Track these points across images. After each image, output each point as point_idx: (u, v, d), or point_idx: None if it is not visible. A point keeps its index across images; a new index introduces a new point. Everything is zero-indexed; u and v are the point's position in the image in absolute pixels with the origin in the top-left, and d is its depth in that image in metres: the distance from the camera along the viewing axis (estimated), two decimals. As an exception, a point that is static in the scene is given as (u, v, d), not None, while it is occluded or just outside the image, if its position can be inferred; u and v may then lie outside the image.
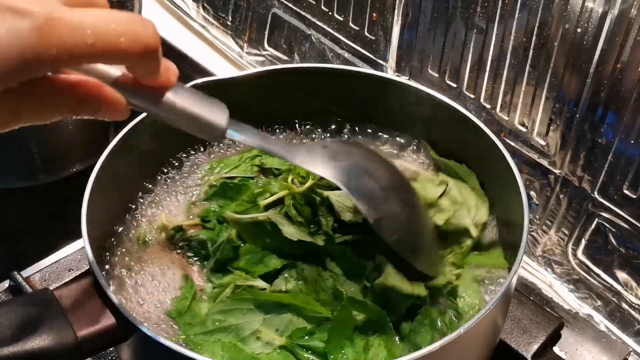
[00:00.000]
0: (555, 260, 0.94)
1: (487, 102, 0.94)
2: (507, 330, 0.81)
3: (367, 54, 1.07)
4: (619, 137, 0.81)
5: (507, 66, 0.89)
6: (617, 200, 0.84)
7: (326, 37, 1.12)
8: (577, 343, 0.84)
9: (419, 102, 0.85)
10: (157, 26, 0.52)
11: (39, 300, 0.67)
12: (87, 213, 0.72)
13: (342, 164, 0.71)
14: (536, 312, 0.83)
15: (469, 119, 0.82)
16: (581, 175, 0.87)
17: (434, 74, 0.99)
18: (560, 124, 0.86)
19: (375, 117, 0.90)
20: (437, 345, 0.62)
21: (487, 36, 0.90)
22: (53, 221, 1.03)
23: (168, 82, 0.57)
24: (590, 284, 0.91)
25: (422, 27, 0.97)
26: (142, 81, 0.55)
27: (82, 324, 0.65)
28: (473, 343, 0.69)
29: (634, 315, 0.88)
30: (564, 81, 0.84)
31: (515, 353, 0.81)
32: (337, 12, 1.09)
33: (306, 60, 1.17)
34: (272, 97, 0.89)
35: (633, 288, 0.87)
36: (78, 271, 0.86)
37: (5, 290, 0.86)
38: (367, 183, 0.72)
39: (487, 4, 0.88)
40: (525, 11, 0.84)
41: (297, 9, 1.15)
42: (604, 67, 0.79)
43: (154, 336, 0.63)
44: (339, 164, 0.70)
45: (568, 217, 0.91)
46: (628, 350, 0.84)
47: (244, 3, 1.24)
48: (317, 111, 0.91)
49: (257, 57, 1.25)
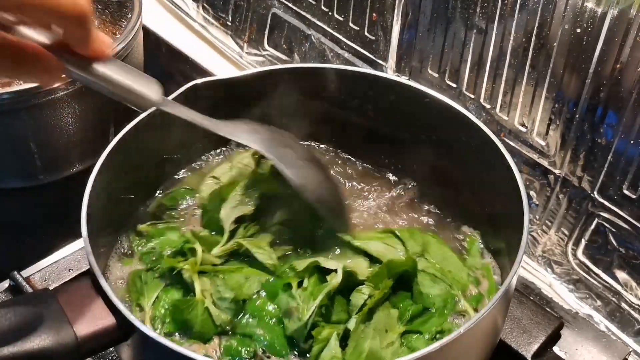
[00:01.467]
0: (555, 260, 0.94)
1: (486, 102, 0.94)
2: (507, 330, 0.81)
3: (367, 54, 1.07)
4: (619, 137, 0.81)
5: (507, 66, 0.89)
6: (617, 201, 0.84)
7: (326, 37, 1.12)
8: (577, 343, 0.84)
9: (418, 102, 0.85)
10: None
11: (39, 300, 0.67)
12: (87, 213, 0.72)
13: (266, 136, 0.79)
14: (536, 312, 0.83)
15: (468, 119, 0.82)
16: (581, 175, 0.87)
17: (433, 74, 0.99)
18: (560, 124, 0.86)
19: (375, 117, 0.90)
20: (437, 345, 0.62)
21: (487, 36, 0.90)
22: (53, 221, 1.03)
23: (101, 54, 0.63)
24: (590, 284, 0.91)
25: (422, 27, 0.97)
26: (76, 49, 0.62)
27: (82, 324, 0.65)
28: (473, 343, 0.69)
29: (634, 315, 0.88)
30: (564, 81, 0.84)
31: (515, 353, 0.81)
32: (337, 12, 1.09)
33: (306, 60, 1.17)
34: (272, 97, 0.89)
35: (633, 288, 0.87)
36: (78, 271, 0.86)
37: (5, 290, 0.86)
38: (288, 153, 0.80)
39: (487, 4, 0.88)
40: (524, 11, 0.84)
41: (297, 9, 1.15)
42: (604, 67, 0.79)
43: (154, 336, 0.64)
44: (261, 136, 0.79)
45: (568, 217, 0.91)
46: (628, 350, 0.84)
47: (244, 3, 1.24)
48: (317, 111, 0.91)
49: (257, 57, 1.25)
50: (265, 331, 0.73)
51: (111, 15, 1.06)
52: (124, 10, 1.06)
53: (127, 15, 1.05)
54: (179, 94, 0.82)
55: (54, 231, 1.01)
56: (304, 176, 0.79)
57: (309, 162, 0.82)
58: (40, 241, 1.00)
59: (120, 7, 1.06)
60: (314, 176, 0.81)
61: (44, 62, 0.61)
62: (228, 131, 0.77)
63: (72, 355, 0.65)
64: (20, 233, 1.02)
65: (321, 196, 0.80)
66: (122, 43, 1.01)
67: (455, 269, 0.79)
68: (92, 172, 0.75)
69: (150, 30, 1.26)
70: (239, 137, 0.78)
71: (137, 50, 1.07)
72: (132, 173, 0.82)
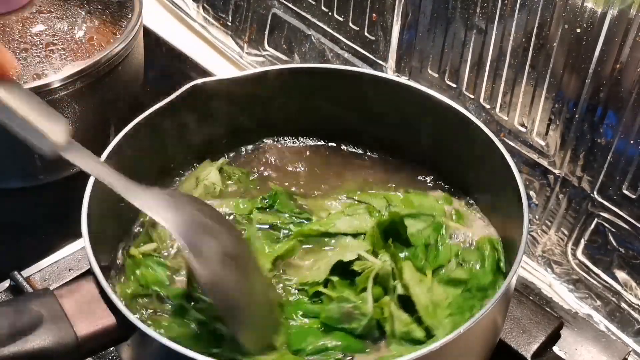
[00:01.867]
0: (555, 260, 0.94)
1: (486, 102, 0.94)
2: (506, 330, 0.81)
3: (367, 54, 1.07)
4: (619, 137, 0.81)
5: (507, 66, 0.89)
6: (616, 200, 0.85)
7: (326, 37, 1.12)
8: (577, 343, 0.84)
9: (418, 103, 0.85)
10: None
11: (39, 300, 0.67)
12: (87, 213, 0.72)
13: (185, 217, 0.67)
14: (536, 312, 0.83)
15: (468, 119, 0.82)
16: (580, 175, 0.87)
17: (433, 74, 0.99)
18: (560, 124, 0.87)
19: (375, 117, 0.90)
20: (437, 345, 0.62)
21: (487, 36, 0.90)
22: (53, 221, 1.03)
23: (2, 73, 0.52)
24: (590, 284, 0.91)
25: (421, 27, 0.97)
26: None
27: (82, 324, 0.65)
28: (473, 343, 0.69)
29: (634, 315, 0.88)
30: (564, 81, 0.84)
31: (515, 353, 0.81)
32: (337, 13, 1.09)
33: (306, 60, 1.17)
34: (272, 97, 0.89)
35: (632, 288, 0.87)
36: (78, 271, 0.86)
37: (5, 290, 0.86)
38: (207, 242, 0.68)
39: (487, 4, 0.88)
40: (524, 11, 0.85)
41: (297, 9, 1.15)
42: (604, 67, 0.79)
43: (154, 336, 0.64)
44: (181, 216, 0.67)
45: (567, 217, 0.91)
46: (627, 350, 0.84)
47: (244, 3, 1.24)
48: (317, 111, 0.91)
49: (257, 57, 1.25)
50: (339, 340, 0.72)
51: (111, 15, 1.06)
52: (124, 10, 1.06)
53: (127, 15, 1.05)
54: (179, 94, 0.82)
55: (54, 231, 1.01)
56: (217, 276, 0.67)
57: (232, 258, 0.70)
58: (40, 241, 1.00)
59: (120, 7, 1.07)
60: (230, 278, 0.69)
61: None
62: (142, 202, 0.66)
63: (72, 355, 0.65)
64: (20, 233, 1.02)
65: (230, 303, 0.68)
66: (122, 43, 1.01)
67: (423, 201, 0.83)
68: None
69: (150, 30, 1.26)
70: (155, 212, 0.66)
71: (137, 50, 1.07)
72: (132, 173, 0.82)
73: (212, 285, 0.67)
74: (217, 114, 0.87)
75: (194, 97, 0.83)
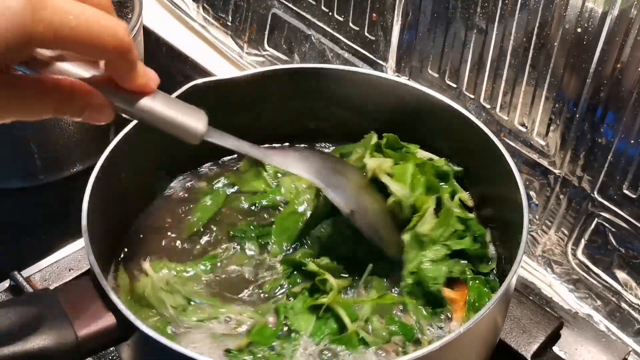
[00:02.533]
0: (555, 260, 0.94)
1: (486, 102, 0.94)
2: (506, 330, 0.81)
3: (367, 54, 1.07)
4: (619, 137, 0.81)
5: (507, 66, 0.89)
6: (616, 200, 0.85)
7: (326, 37, 1.12)
8: (577, 343, 0.84)
9: (418, 103, 0.85)
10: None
11: (39, 300, 0.67)
12: (87, 213, 0.72)
13: (314, 164, 0.78)
14: (536, 312, 0.83)
15: (468, 119, 0.82)
16: (581, 175, 0.87)
17: (433, 74, 0.99)
18: (560, 124, 0.87)
19: (375, 117, 0.90)
20: (437, 345, 0.62)
21: (487, 36, 0.90)
22: (53, 221, 1.03)
23: (147, 87, 0.61)
24: (590, 284, 0.91)
25: (422, 27, 0.97)
26: (121, 83, 0.59)
27: (82, 324, 0.65)
28: (473, 343, 0.69)
29: (634, 315, 0.88)
30: (564, 81, 0.84)
31: (515, 353, 0.81)
32: (337, 13, 1.09)
33: (306, 60, 1.17)
34: (272, 97, 0.89)
35: (632, 288, 0.87)
36: (78, 271, 0.86)
37: (5, 290, 0.86)
38: (340, 179, 0.79)
39: (487, 4, 0.88)
40: (525, 11, 0.85)
41: (297, 9, 1.15)
42: (604, 67, 0.79)
43: (154, 336, 0.64)
44: (311, 164, 0.78)
45: (568, 217, 0.91)
46: (627, 350, 0.84)
47: (244, 3, 1.24)
48: (317, 111, 0.91)
49: (257, 57, 1.25)
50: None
51: (111, 15, 1.06)
52: (124, 10, 1.06)
53: (127, 15, 1.05)
54: (179, 94, 0.82)
55: (54, 231, 1.01)
56: (355, 204, 0.78)
57: (361, 188, 0.81)
58: (40, 241, 1.00)
59: (120, 7, 1.06)
60: (365, 204, 0.80)
61: (92, 100, 0.59)
62: (278, 160, 0.76)
63: (72, 355, 0.65)
64: (20, 233, 1.02)
65: (372, 224, 0.79)
66: (122, 43, 1.01)
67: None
68: (92, 172, 0.75)
69: (150, 30, 1.26)
70: (289, 165, 0.77)
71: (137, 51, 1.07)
72: (132, 173, 0.82)
73: (356, 212, 0.78)
74: (217, 113, 0.87)
75: (193, 97, 0.83)
